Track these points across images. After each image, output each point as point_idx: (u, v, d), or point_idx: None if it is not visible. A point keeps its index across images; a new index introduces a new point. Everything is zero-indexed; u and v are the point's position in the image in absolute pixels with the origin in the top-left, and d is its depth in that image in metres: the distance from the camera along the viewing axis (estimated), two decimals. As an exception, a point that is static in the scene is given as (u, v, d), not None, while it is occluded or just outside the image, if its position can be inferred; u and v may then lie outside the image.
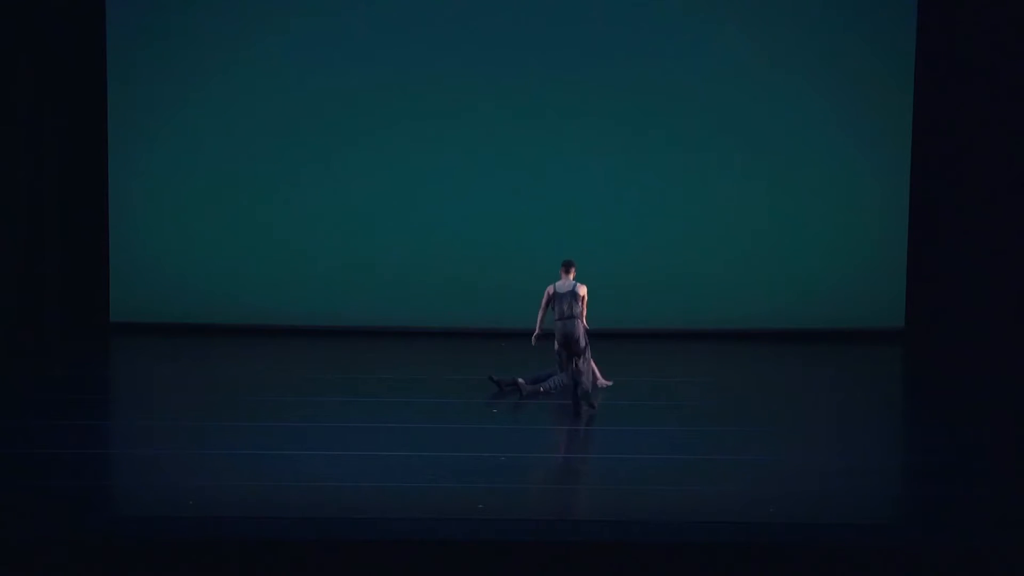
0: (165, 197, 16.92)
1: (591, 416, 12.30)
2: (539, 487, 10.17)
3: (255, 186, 16.91)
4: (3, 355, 14.75)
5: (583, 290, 12.68)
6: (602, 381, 13.30)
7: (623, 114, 16.78)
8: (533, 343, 13.03)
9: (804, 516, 9.34)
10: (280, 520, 9.06)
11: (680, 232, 16.95)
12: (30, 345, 15.49)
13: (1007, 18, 15.44)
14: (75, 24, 16.46)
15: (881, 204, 16.90)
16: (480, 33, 16.79)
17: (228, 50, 16.80)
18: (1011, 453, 11.24)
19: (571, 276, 12.79)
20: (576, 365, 12.51)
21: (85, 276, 16.82)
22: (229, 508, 9.40)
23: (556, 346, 12.82)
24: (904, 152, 16.81)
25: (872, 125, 16.82)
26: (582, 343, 12.53)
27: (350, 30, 16.77)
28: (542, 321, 12.97)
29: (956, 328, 15.99)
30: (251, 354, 15.74)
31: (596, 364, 13.00)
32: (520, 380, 13.17)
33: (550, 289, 12.81)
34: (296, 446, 11.09)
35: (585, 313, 12.67)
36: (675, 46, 16.76)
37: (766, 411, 12.78)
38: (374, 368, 14.86)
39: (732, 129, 16.83)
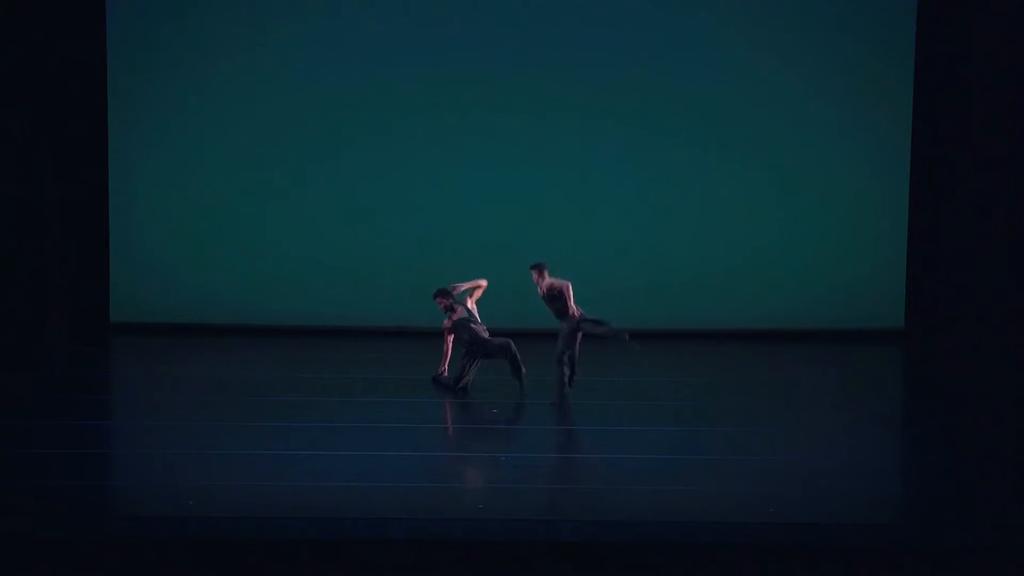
0: (165, 197, 16.91)
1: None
2: (539, 487, 10.17)
3: (255, 186, 16.90)
4: (3, 355, 14.73)
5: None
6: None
7: (623, 114, 16.75)
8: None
9: (804, 516, 9.34)
10: (280, 520, 9.06)
11: (679, 232, 16.93)
12: (30, 345, 15.47)
13: (1007, 18, 15.42)
14: (75, 24, 16.44)
15: (881, 204, 16.90)
16: (482, 33, 16.76)
17: (228, 51, 16.79)
18: (1011, 453, 11.24)
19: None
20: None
21: (85, 276, 16.80)
22: (229, 508, 9.39)
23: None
24: (904, 152, 16.80)
25: (872, 125, 16.82)
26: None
27: (349, 31, 16.75)
28: None
29: (956, 328, 15.98)
30: (251, 354, 15.73)
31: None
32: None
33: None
34: (296, 446, 11.09)
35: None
36: (675, 46, 16.75)
37: (766, 411, 12.78)
38: (374, 368, 14.84)
39: (732, 129, 16.81)
